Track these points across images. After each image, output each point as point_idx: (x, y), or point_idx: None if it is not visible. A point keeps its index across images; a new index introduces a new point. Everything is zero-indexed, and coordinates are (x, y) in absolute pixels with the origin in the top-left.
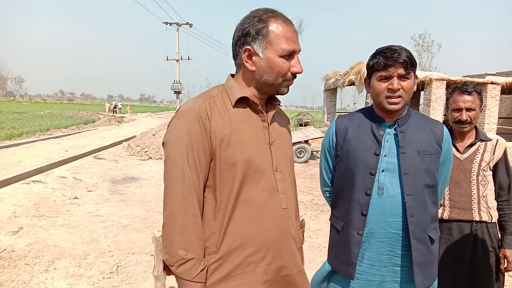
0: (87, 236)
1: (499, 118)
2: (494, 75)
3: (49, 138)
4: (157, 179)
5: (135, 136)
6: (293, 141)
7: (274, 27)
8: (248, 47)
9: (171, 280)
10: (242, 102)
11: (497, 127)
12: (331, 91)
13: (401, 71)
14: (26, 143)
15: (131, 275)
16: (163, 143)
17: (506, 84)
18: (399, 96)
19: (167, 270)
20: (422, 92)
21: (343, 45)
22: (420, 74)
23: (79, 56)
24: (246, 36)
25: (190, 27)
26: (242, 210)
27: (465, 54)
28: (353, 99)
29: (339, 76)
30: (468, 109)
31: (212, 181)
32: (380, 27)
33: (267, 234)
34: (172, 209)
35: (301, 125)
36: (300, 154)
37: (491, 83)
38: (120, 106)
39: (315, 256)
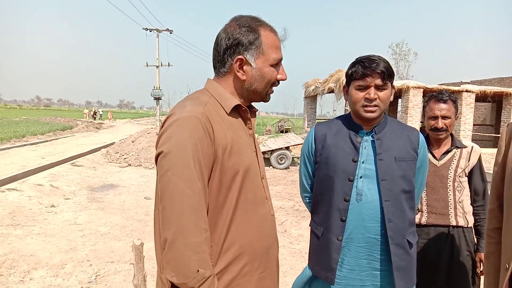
0: (64, 245)
1: (474, 125)
2: (469, 83)
3: (25, 145)
4: (136, 186)
5: (114, 142)
6: (274, 147)
7: (265, 37)
8: (240, 56)
9: None
10: (234, 110)
11: (472, 134)
12: (311, 98)
13: (378, 81)
14: (0, 150)
15: (110, 284)
16: (160, 153)
17: (480, 92)
18: (375, 106)
19: None
20: (399, 100)
21: (322, 53)
22: (398, 82)
23: (56, 61)
24: (238, 45)
25: (170, 33)
26: (239, 220)
27: (441, 63)
28: (333, 106)
29: (318, 84)
30: (443, 117)
31: (210, 193)
32: (359, 36)
33: (262, 242)
34: (182, 226)
35: (282, 131)
36: (281, 160)
37: (466, 91)
38: (101, 113)
39: (296, 262)
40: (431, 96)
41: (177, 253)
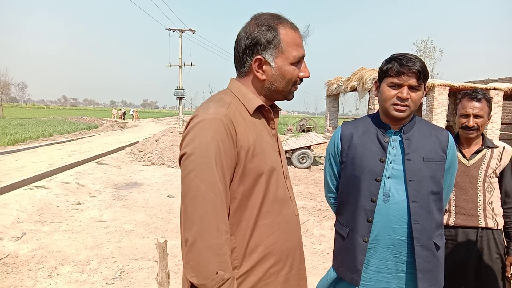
0: (90, 241)
1: (501, 124)
2: (496, 81)
3: (52, 144)
4: (159, 184)
5: (137, 141)
6: (296, 146)
7: (284, 34)
8: (259, 56)
9: (174, 286)
10: (257, 110)
11: (500, 133)
12: (333, 97)
13: (413, 81)
14: (29, 148)
15: (134, 281)
16: (183, 155)
17: (509, 90)
18: (406, 106)
19: None
20: (424, 98)
21: (345, 51)
22: None
23: (82, 62)
24: (256, 45)
25: (193, 33)
26: (264, 221)
27: (468, 60)
28: (355, 105)
29: (341, 82)
30: (475, 116)
31: (232, 193)
32: (382, 33)
33: (287, 243)
34: (203, 228)
35: (303, 130)
36: (302, 159)
37: (494, 89)
38: (131, 113)
39: (318, 262)
40: (465, 93)
41: (197, 254)
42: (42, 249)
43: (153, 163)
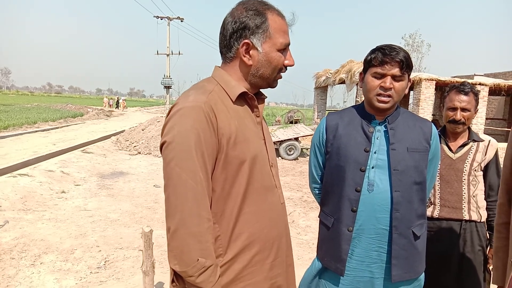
0: (74, 230)
1: (486, 118)
2: (482, 76)
3: (36, 131)
4: (146, 174)
5: (124, 130)
6: (283, 138)
7: (272, 20)
8: (247, 40)
9: (159, 276)
10: (240, 97)
11: (484, 128)
12: (322, 89)
13: (396, 70)
14: (12, 135)
15: (119, 270)
16: (163, 143)
17: (494, 85)
18: (389, 96)
19: (180, 281)
20: (411, 92)
21: (334, 43)
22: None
23: (67, 48)
24: (244, 29)
25: (181, 21)
26: (248, 209)
27: (455, 55)
28: (343, 98)
29: (329, 74)
30: (463, 109)
31: (214, 182)
32: (372, 26)
33: (272, 231)
34: (184, 216)
35: (291, 122)
36: (290, 151)
37: (480, 84)
38: (120, 101)
39: (303, 252)
40: (452, 86)
41: (180, 242)
42: (25, 238)
43: (139, 152)
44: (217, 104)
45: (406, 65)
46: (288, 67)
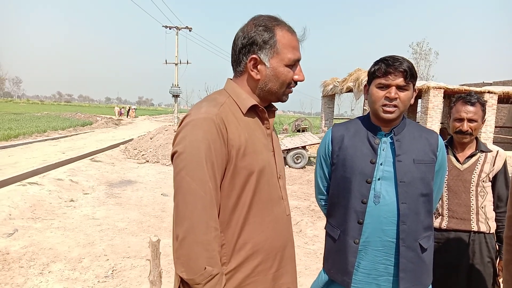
0: (82, 239)
1: (495, 127)
2: (491, 84)
3: (46, 140)
4: (153, 182)
5: (132, 139)
6: (291, 146)
7: (281, 36)
8: (255, 56)
9: (166, 285)
10: (251, 110)
11: (494, 136)
12: (329, 98)
13: (400, 80)
14: (22, 144)
15: (126, 280)
16: (175, 153)
17: (503, 93)
18: (395, 106)
19: (186, 287)
20: (419, 100)
21: (341, 52)
22: (418, 82)
23: (77, 58)
24: (252, 44)
25: (190, 31)
26: (253, 219)
27: (463, 63)
28: (351, 106)
29: (337, 83)
30: (469, 120)
31: (222, 192)
32: (380, 35)
33: (276, 242)
34: (193, 224)
35: (298, 130)
36: (297, 160)
37: (488, 92)
38: (132, 110)
39: (311, 262)
40: (459, 97)
41: (187, 250)
42: (34, 246)
43: (147, 161)
44: (228, 116)
45: (410, 74)
46: (298, 82)
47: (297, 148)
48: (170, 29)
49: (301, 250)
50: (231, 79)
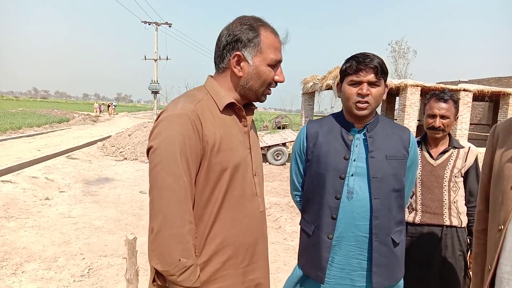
0: (58, 238)
1: (470, 124)
2: (467, 82)
3: (21, 137)
4: (131, 180)
5: (110, 136)
6: (271, 143)
7: (264, 36)
8: (238, 52)
9: (143, 283)
10: (228, 107)
11: (469, 133)
12: (309, 95)
13: (371, 77)
14: None
15: (103, 278)
16: (150, 148)
17: (478, 91)
18: (367, 102)
19: (161, 279)
20: (397, 98)
21: (322, 49)
22: (396, 80)
23: (54, 53)
24: (237, 41)
25: (170, 27)
26: (225, 214)
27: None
28: (331, 103)
29: (317, 80)
30: (442, 116)
31: (196, 187)
32: (359, 33)
33: (247, 237)
34: (167, 218)
35: (279, 127)
36: (277, 156)
37: (464, 90)
38: (114, 106)
39: (290, 258)
40: (432, 94)
41: (162, 242)
42: (7, 246)
43: (126, 158)
44: (204, 112)
45: (380, 70)
46: (278, 83)
47: (278, 145)
48: (149, 24)
49: (280, 246)
50: (211, 76)
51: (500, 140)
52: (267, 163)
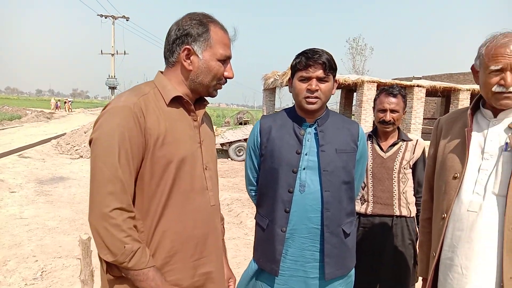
0: (8, 240)
1: (424, 118)
2: (420, 78)
3: None
4: (87, 178)
5: (65, 133)
6: (233, 139)
7: (214, 32)
8: (188, 46)
9: (99, 284)
10: (176, 101)
11: (422, 127)
12: (270, 91)
13: (320, 72)
14: None
15: (57, 281)
16: (90, 140)
17: (431, 87)
18: (316, 97)
19: (115, 270)
20: (355, 94)
21: (283, 45)
22: (353, 76)
23: (3, 47)
24: (186, 36)
25: (127, 20)
26: (172, 208)
27: (396, 59)
28: (292, 99)
29: (277, 76)
30: (392, 111)
31: (141, 180)
32: (319, 29)
33: (195, 231)
34: (104, 209)
35: (240, 123)
36: (239, 152)
37: (418, 86)
38: (67, 103)
39: (250, 253)
40: (382, 89)
41: (103, 234)
42: None
43: (82, 156)
44: (148, 106)
45: (329, 66)
46: (228, 79)
47: (239, 140)
48: (105, 18)
49: (241, 241)
50: (161, 71)
51: (443, 132)
52: (229, 159)
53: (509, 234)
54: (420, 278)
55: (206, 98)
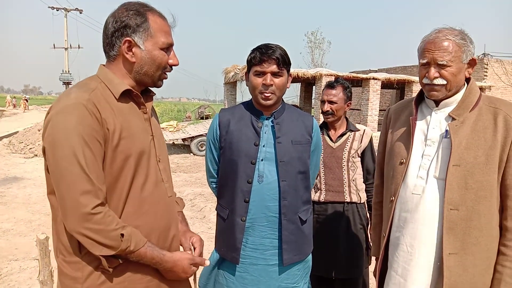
0: None
1: (380, 110)
2: (376, 71)
3: None
4: (43, 178)
5: (17, 131)
6: (194, 134)
7: (153, 21)
8: (128, 38)
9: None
10: (125, 95)
11: (378, 119)
12: (231, 85)
13: (274, 68)
14: None
15: (14, 284)
16: (47, 144)
17: (386, 79)
18: (271, 92)
19: (113, 261)
20: (314, 87)
21: (243, 38)
22: (312, 70)
23: None
24: (125, 27)
25: (80, 13)
26: (132, 202)
27: (353, 52)
28: None
29: (238, 70)
30: (330, 102)
31: (104, 175)
32: (278, 23)
33: (157, 223)
34: (83, 213)
35: (202, 118)
36: (201, 147)
37: (373, 78)
38: (23, 100)
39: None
40: (327, 82)
41: (92, 235)
42: None
43: (36, 155)
44: (100, 102)
45: (282, 61)
46: (173, 67)
47: (201, 135)
48: (57, 10)
49: (205, 235)
50: (103, 65)
51: (392, 121)
52: (191, 154)
53: (448, 214)
54: (373, 259)
55: (151, 89)
